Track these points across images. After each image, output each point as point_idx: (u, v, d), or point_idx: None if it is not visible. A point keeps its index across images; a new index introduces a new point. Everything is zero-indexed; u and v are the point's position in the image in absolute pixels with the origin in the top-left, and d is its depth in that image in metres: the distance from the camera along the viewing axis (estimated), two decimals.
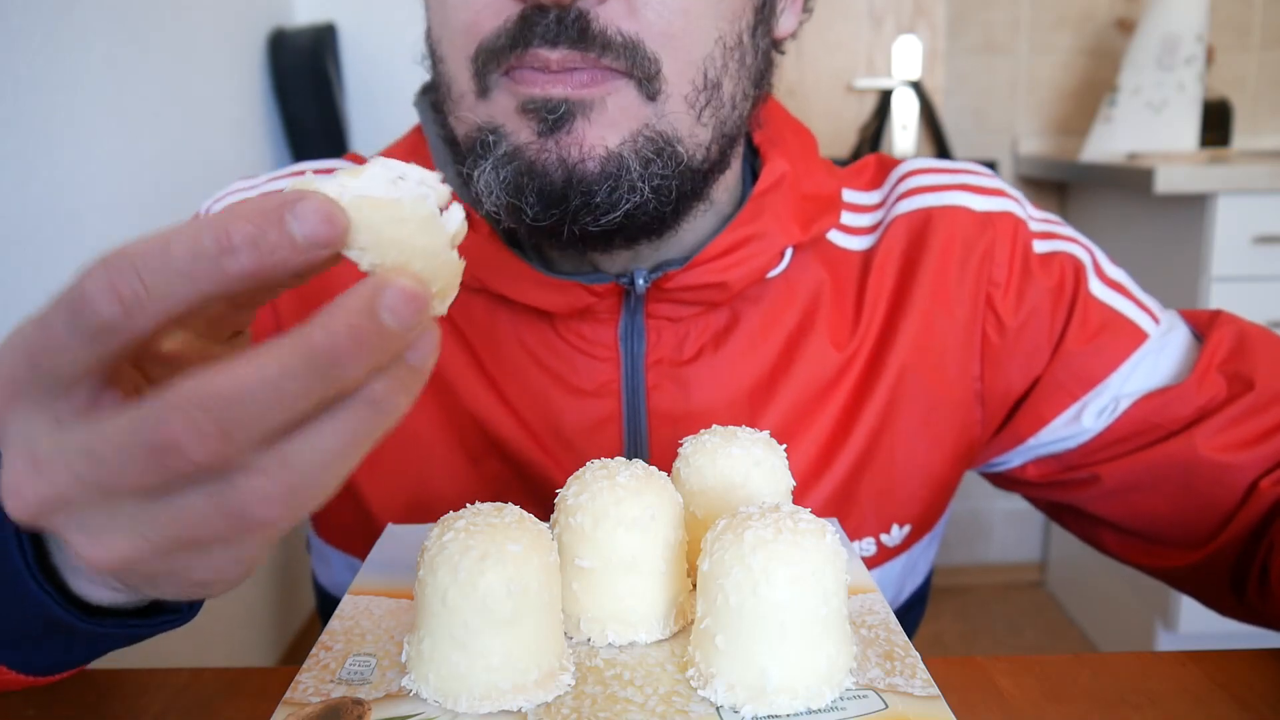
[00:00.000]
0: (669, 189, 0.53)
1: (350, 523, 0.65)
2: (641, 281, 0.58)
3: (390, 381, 0.27)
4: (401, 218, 0.28)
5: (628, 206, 0.52)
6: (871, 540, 0.65)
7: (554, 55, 0.49)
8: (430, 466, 0.63)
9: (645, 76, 0.51)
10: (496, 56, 0.51)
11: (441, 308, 0.30)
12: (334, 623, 0.41)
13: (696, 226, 0.60)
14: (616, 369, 0.61)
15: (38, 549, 0.40)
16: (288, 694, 0.35)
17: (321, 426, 0.27)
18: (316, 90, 1.75)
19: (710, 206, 0.60)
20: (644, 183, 0.52)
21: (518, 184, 0.51)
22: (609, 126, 0.51)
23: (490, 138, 0.52)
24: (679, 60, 0.51)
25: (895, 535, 0.65)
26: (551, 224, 0.52)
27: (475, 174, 0.53)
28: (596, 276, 0.58)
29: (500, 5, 0.50)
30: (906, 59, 2.05)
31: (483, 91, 0.52)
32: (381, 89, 1.87)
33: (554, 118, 0.50)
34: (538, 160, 0.51)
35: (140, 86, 1.27)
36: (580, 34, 0.49)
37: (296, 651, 1.78)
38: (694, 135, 0.54)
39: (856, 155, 2.04)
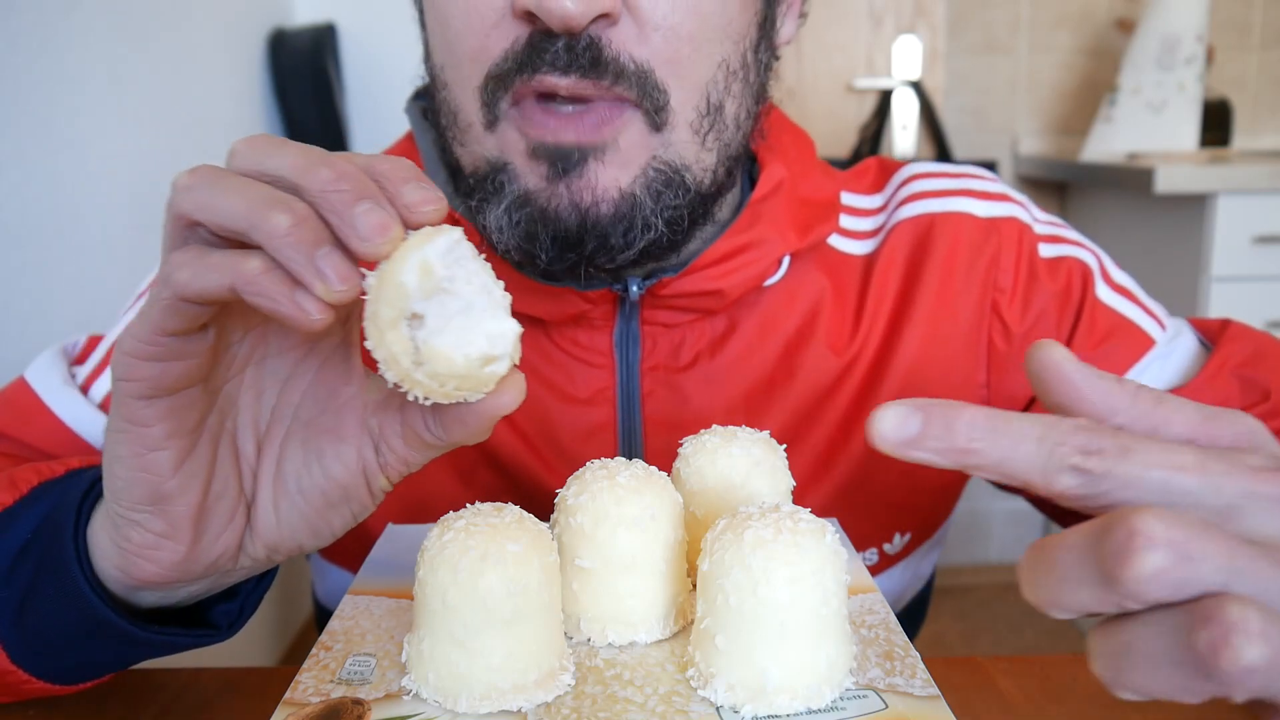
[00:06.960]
0: (681, 219, 0.53)
1: (347, 540, 0.65)
2: (636, 289, 0.57)
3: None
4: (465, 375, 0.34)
5: (642, 244, 0.52)
6: (874, 550, 0.64)
7: (564, 81, 0.48)
8: (422, 481, 0.62)
9: (654, 107, 0.50)
10: (504, 81, 0.50)
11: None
12: (334, 623, 0.41)
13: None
14: (612, 376, 0.60)
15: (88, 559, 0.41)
16: (288, 694, 0.35)
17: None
18: (316, 90, 1.75)
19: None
20: (657, 217, 0.52)
21: (530, 230, 0.51)
22: (621, 166, 0.51)
23: (501, 177, 0.52)
24: (684, 88, 0.51)
25: (897, 543, 0.65)
26: (567, 267, 0.52)
27: (486, 209, 0.52)
28: (590, 283, 0.58)
29: (508, 27, 0.49)
30: (906, 59, 2.05)
31: (491, 123, 0.51)
32: (381, 89, 1.87)
33: (565, 164, 0.50)
34: (549, 207, 0.50)
35: (140, 86, 1.27)
36: (593, 63, 0.48)
37: (296, 651, 1.78)
38: (700, 161, 0.53)
39: (856, 155, 2.04)
